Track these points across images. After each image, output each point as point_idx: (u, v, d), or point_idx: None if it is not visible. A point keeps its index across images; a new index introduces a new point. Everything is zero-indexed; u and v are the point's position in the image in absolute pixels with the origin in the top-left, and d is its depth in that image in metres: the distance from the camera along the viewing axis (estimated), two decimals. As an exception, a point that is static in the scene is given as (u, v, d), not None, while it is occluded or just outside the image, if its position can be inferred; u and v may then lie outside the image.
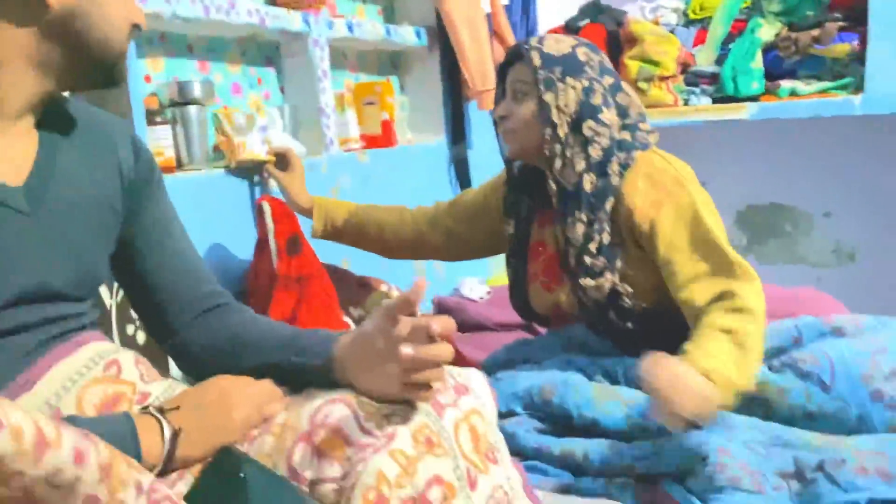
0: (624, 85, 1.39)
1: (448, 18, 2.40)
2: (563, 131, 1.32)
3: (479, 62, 2.47)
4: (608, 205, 1.31)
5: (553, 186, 1.34)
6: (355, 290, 1.88)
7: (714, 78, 3.11)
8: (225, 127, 1.60)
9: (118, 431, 0.79)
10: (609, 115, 1.33)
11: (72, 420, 0.77)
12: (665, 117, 2.96)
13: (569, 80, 1.32)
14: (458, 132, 2.63)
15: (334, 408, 0.86)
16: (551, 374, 1.38)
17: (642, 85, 3.03)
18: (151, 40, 1.76)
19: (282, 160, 1.63)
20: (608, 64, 1.38)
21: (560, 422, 1.30)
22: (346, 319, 1.78)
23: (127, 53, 0.89)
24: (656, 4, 3.32)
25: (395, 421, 0.85)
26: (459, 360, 1.81)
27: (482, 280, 2.54)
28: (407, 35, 2.43)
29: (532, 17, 2.85)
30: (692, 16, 3.31)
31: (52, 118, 0.89)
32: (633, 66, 3.05)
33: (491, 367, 1.53)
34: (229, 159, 1.63)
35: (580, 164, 1.31)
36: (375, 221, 1.62)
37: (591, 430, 1.27)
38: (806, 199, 3.32)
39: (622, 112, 1.36)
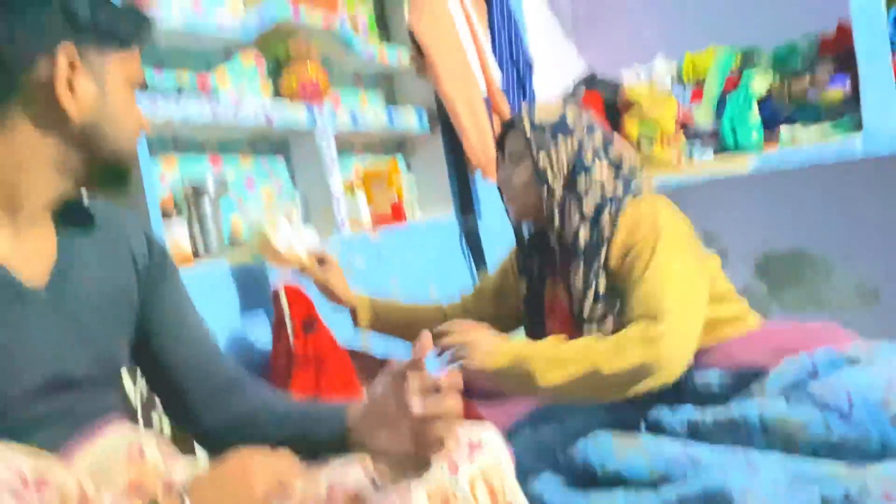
0: (616, 139, 1.47)
1: (447, 100, 2.50)
2: (558, 190, 1.40)
3: (480, 136, 2.56)
4: (602, 253, 1.36)
5: (555, 243, 1.40)
6: (374, 363, 1.91)
7: (714, 134, 3.17)
8: (269, 235, 1.63)
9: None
10: (601, 170, 1.39)
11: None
12: (670, 176, 3.01)
13: (560, 140, 1.40)
14: (466, 205, 2.70)
15: (350, 471, 0.88)
16: (573, 429, 1.39)
17: (644, 146, 3.11)
18: (164, 142, 1.86)
19: (319, 261, 1.71)
20: (596, 122, 1.47)
21: (584, 476, 1.30)
22: (365, 388, 1.80)
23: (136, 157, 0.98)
24: (650, 68, 3.42)
25: (410, 481, 0.86)
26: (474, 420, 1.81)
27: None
28: (409, 118, 2.53)
29: (529, 94, 2.95)
30: (686, 76, 3.40)
31: (68, 214, 0.96)
32: (633, 128, 3.13)
33: (516, 429, 1.54)
34: (271, 263, 1.68)
35: (575, 220, 1.38)
36: (416, 317, 1.70)
37: (615, 481, 1.26)
38: (822, 243, 3.32)
39: (615, 165, 1.43)
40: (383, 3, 2.71)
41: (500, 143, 1.53)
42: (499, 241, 2.89)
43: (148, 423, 1.41)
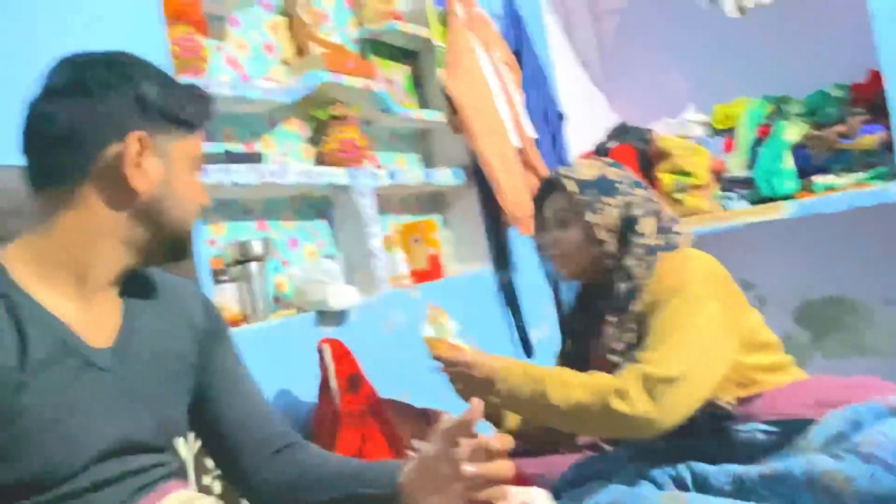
0: (651, 193, 1.49)
1: (481, 156, 2.56)
2: (612, 247, 1.42)
3: (515, 192, 2.60)
4: (632, 306, 1.38)
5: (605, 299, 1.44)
6: (417, 422, 1.92)
7: (748, 182, 3.18)
8: (444, 325, 1.56)
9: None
10: (647, 224, 1.41)
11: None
12: (705, 224, 3.03)
13: (605, 199, 1.42)
14: (502, 259, 2.73)
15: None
16: (619, 489, 1.37)
17: (678, 196, 3.13)
18: (213, 207, 1.93)
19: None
20: (635, 177, 1.49)
21: None
22: (411, 454, 1.81)
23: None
24: (681, 119, 3.46)
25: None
26: (523, 481, 1.81)
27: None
28: (444, 176, 2.59)
29: (560, 145, 3.00)
30: (717, 126, 3.43)
31: (131, 284, 1.01)
32: (666, 179, 3.15)
33: (561, 488, 1.53)
34: (436, 355, 1.52)
35: (619, 275, 1.41)
36: None
37: None
38: (862, 288, 3.28)
39: (658, 218, 1.45)
40: (418, 66, 2.81)
41: (539, 204, 1.54)
42: (535, 294, 2.92)
43: (200, 486, 1.44)
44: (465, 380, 1.41)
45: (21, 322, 0.85)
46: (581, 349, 1.53)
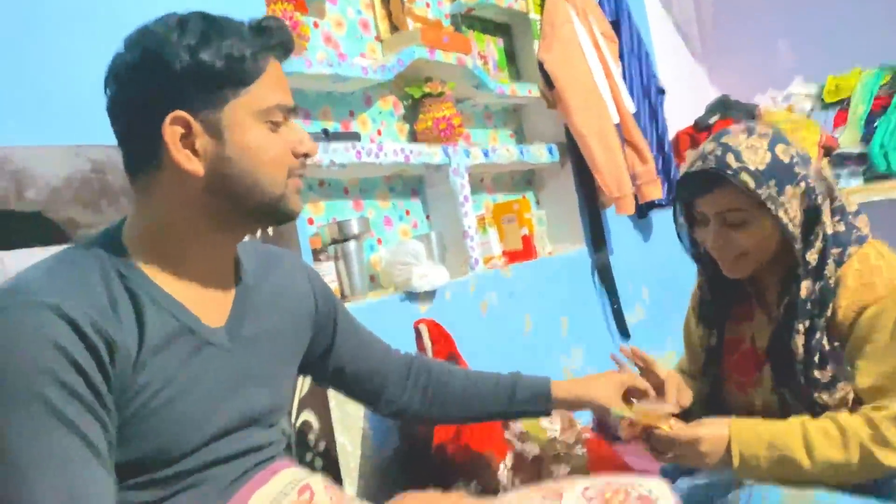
0: (817, 163, 1.26)
1: (577, 133, 2.48)
2: (799, 243, 1.21)
3: (613, 170, 2.51)
4: (827, 311, 1.20)
5: (786, 298, 1.24)
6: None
7: (862, 158, 2.99)
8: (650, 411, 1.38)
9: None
10: (827, 211, 1.21)
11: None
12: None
13: (787, 189, 1.19)
14: (598, 240, 2.65)
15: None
16: (728, 479, 1.30)
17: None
18: (311, 186, 1.94)
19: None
20: (802, 150, 1.25)
21: None
22: (507, 435, 1.78)
23: (291, 190, 0.93)
24: (788, 92, 3.27)
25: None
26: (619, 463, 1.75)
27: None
28: (539, 153, 2.53)
29: (661, 120, 2.88)
30: (828, 99, 3.23)
31: (239, 262, 1.01)
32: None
33: (670, 473, 1.46)
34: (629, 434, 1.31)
35: (800, 272, 1.21)
36: None
37: None
38: None
39: (830, 198, 1.24)
40: (513, 40, 2.74)
41: (689, 197, 1.28)
42: (631, 276, 2.82)
43: (301, 462, 1.45)
44: (686, 451, 1.20)
45: (139, 302, 0.85)
46: (717, 332, 1.41)
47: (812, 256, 1.20)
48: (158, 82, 0.84)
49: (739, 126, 1.27)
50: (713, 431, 1.19)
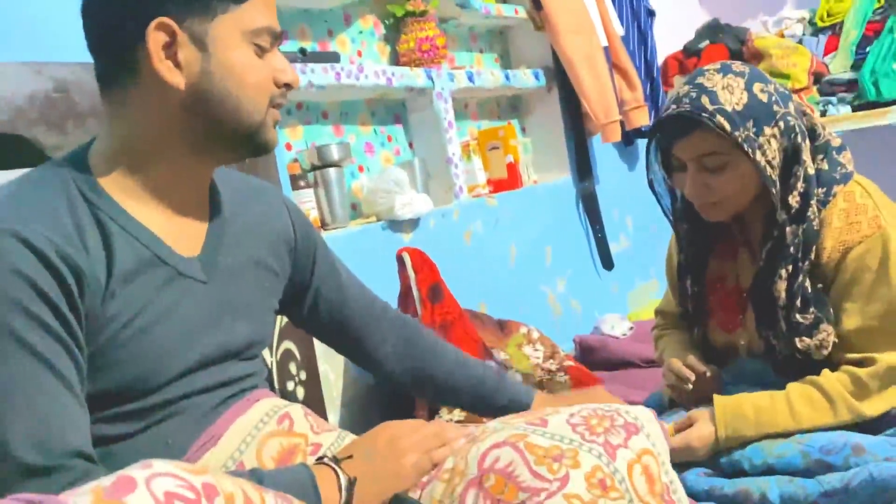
0: (798, 101, 1.23)
1: (565, 57, 2.41)
2: (777, 186, 1.17)
3: (601, 96, 2.45)
4: (811, 254, 1.18)
5: (768, 242, 1.20)
6: (496, 333, 1.89)
7: (852, 85, 2.94)
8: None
9: (300, 482, 0.81)
10: (807, 150, 1.17)
11: (257, 472, 0.80)
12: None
13: (766, 129, 1.14)
14: (584, 168, 2.61)
15: (502, 452, 0.85)
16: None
17: (773, 101, 2.92)
18: (289, 110, 1.87)
19: None
20: (781, 87, 1.21)
21: (729, 471, 1.22)
22: (490, 363, 1.78)
23: (271, 120, 0.89)
24: (779, 17, 3.19)
25: (566, 464, 0.83)
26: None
27: (623, 316, 2.47)
28: (525, 78, 2.46)
29: (650, 45, 2.81)
30: (820, 23, 3.16)
31: (215, 192, 0.96)
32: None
33: (652, 407, 1.46)
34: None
35: (782, 216, 1.17)
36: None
37: (764, 475, 1.18)
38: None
39: (812, 136, 1.20)
40: (499, -42, 2.63)
41: (668, 142, 1.22)
42: (616, 205, 2.80)
43: (284, 392, 1.44)
44: (677, 454, 1.17)
45: (108, 230, 0.81)
46: (698, 267, 1.38)
47: (794, 200, 1.16)
48: None
49: (715, 65, 1.21)
50: (701, 431, 1.21)
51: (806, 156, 1.16)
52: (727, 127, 1.13)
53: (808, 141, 1.18)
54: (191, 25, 0.81)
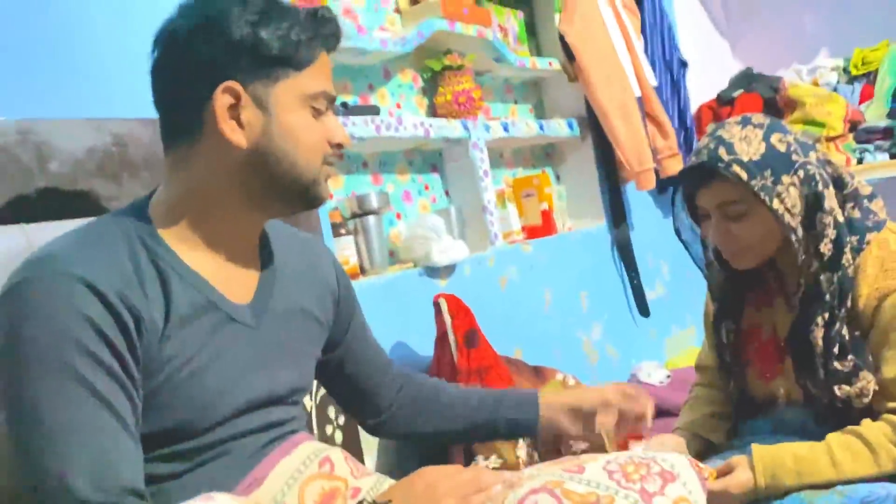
0: (822, 151, 1.24)
1: (598, 107, 2.45)
2: (800, 233, 1.18)
3: (634, 144, 2.48)
4: (847, 301, 1.18)
5: (797, 287, 1.21)
6: (531, 379, 1.89)
7: (888, 132, 2.93)
8: None
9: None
10: (831, 197, 1.18)
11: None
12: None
13: (784, 178, 1.16)
14: (618, 215, 2.63)
15: (539, 498, 0.87)
16: None
17: (808, 148, 2.92)
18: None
19: None
20: (804, 137, 1.23)
21: None
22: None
23: (323, 177, 0.94)
24: (813, 66, 3.21)
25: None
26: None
27: (660, 364, 2.46)
28: (559, 127, 2.50)
29: (683, 94, 2.84)
30: (854, 72, 3.17)
31: (266, 242, 1.01)
32: (796, 130, 2.94)
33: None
34: None
35: (815, 264, 1.18)
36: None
37: None
38: None
39: (839, 184, 1.22)
40: (533, 12, 2.70)
41: (690, 191, 1.26)
42: (652, 252, 2.80)
43: (322, 436, 1.46)
44: (715, 500, 1.16)
45: (166, 277, 0.86)
46: (734, 319, 1.37)
47: (826, 247, 1.17)
48: (215, 50, 0.85)
49: (735, 118, 1.25)
50: (739, 478, 1.18)
51: (831, 203, 1.17)
52: (743, 176, 1.15)
53: (832, 188, 1.19)
54: (255, 89, 0.87)
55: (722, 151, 1.18)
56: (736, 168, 1.16)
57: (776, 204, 1.16)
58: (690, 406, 1.44)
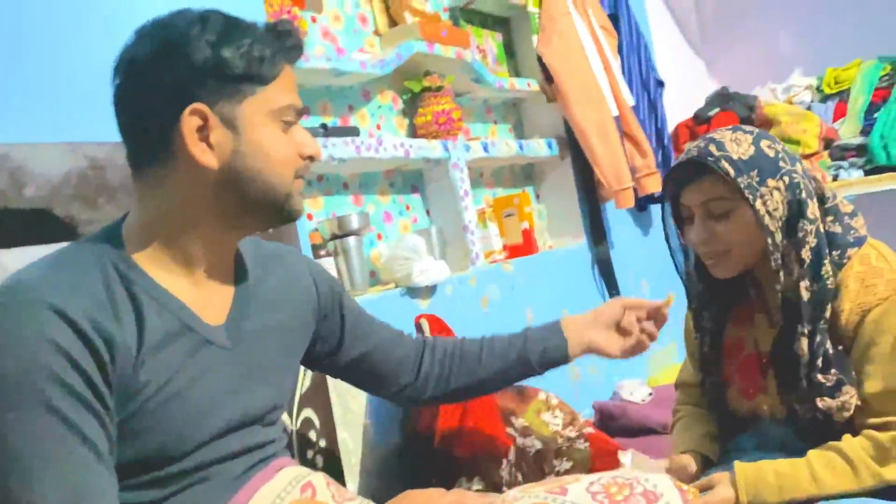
0: (806, 165, 1.26)
1: (577, 127, 2.48)
2: (779, 238, 1.19)
3: (613, 163, 2.50)
4: (826, 313, 1.18)
5: (778, 298, 1.21)
6: (514, 399, 1.88)
7: (862, 150, 2.99)
8: None
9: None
10: (814, 207, 1.19)
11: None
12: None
13: (769, 181, 1.18)
14: (598, 234, 2.65)
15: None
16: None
17: (784, 166, 2.96)
18: (311, 182, 1.93)
19: None
20: (791, 152, 1.24)
21: None
22: (509, 430, 1.78)
23: (297, 190, 0.94)
24: (788, 84, 3.27)
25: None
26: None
27: (642, 381, 2.46)
28: (538, 147, 2.52)
29: (660, 113, 2.87)
30: (827, 90, 3.23)
31: (240, 259, 1.00)
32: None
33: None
34: None
35: (795, 271, 1.18)
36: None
37: None
38: None
39: (821, 199, 1.23)
40: (511, 34, 2.73)
41: (675, 191, 1.27)
42: (631, 270, 2.82)
43: (303, 460, 1.45)
44: None
45: (139, 301, 0.85)
46: (714, 335, 1.35)
47: (806, 254, 1.18)
48: (178, 73, 0.84)
49: (727, 127, 1.28)
50: (722, 495, 1.19)
51: (813, 213, 1.18)
52: (731, 172, 1.17)
53: (815, 200, 1.20)
54: (222, 109, 0.86)
55: (712, 148, 1.20)
56: (724, 164, 1.18)
57: (758, 204, 1.17)
58: (685, 426, 1.43)
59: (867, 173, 2.93)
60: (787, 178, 1.18)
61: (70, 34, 1.25)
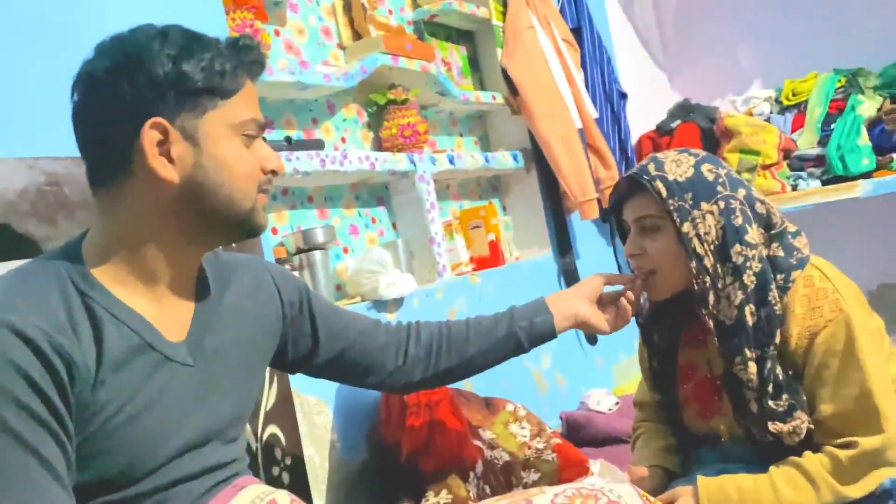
0: (755, 192, 1.27)
1: (541, 139, 2.50)
2: (709, 262, 1.18)
3: (577, 175, 2.53)
4: (775, 338, 1.18)
5: (710, 322, 1.20)
6: (482, 411, 1.89)
7: (820, 160, 3.05)
8: None
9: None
10: (754, 233, 1.19)
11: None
12: (775, 205, 2.90)
13: (703, 205, 1.19)
14: (564, 245, 2.67)
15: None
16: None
17: (745, 176, 3.01)
18: (275, 196, 1.91)
19: None
20: (735, 174, 1.25)
21: None
22: (477, 443, 1.78)
23: (260, 205, 0.94)
24: (747, 96, 3.33)
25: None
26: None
27: (608, 391, 2.48)
28: (504, 160, 2.53)
29: (623, 125, 2.91)
30: (786, 102, 3.30)
31: (202, 274, 0.99)
32: (732, 159, 3.04)
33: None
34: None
35: (737, 296, 1.17)
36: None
37: None
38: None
39: (766, 224, 1.23)
40: (476, 47, 2.75)
41: (618, 207, 1.29)
42: (597, 278, 2.84)
43: (268, 477, 1.43)
44: None
45: (99, 320, 0.83)
46: (667, 359, 1.36)
47: (749, 279, 1.18)
48: (138, 87, 0.83)
49: (677, 148, 1.31)
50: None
51: (753, 238, 1.19)
52: (663, 192, 1.20)
53: (755, 226, 1.21)
54: (182, 123, 0.85)
55: (651, 167, 1.23)
56: (658, 183, 1.20)
57: (686, 227, 1.19)
58: (645, 442, 1.43)
59: (825, 183, 2.99)
60: (722, 203, 1.19)
61: (25, 49, 1.23)
